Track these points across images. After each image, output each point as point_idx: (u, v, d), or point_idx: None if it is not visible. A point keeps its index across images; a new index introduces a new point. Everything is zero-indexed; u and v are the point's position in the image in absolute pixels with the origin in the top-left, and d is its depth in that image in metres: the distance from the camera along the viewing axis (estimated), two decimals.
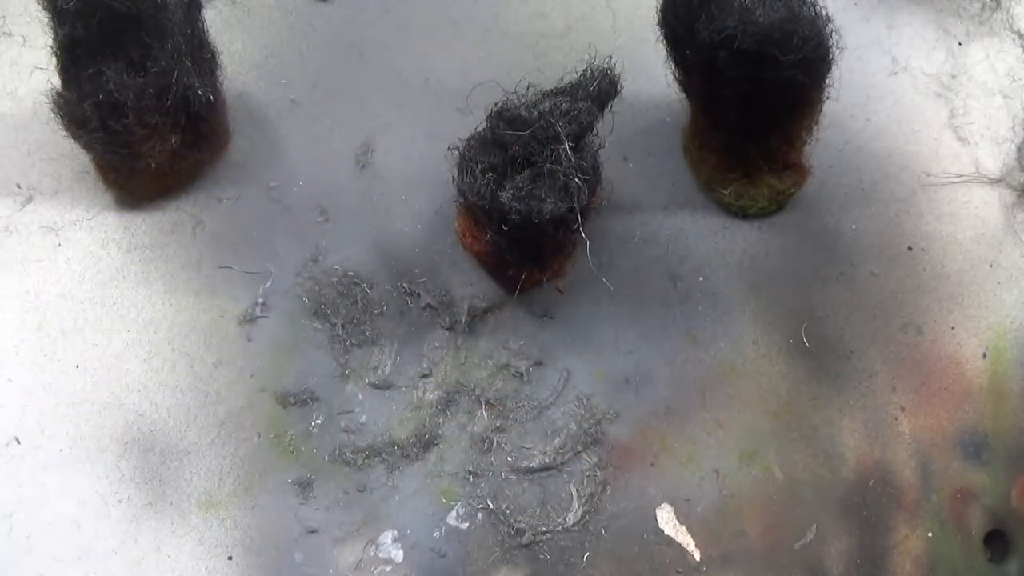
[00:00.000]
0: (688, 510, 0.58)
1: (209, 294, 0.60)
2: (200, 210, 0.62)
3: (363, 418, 0.58)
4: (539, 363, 0.60)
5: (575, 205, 0.53)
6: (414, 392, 0.58)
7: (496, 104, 0.55)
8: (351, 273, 0.61)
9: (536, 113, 0.53)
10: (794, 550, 0.58)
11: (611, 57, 0.55)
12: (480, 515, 0.56)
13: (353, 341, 0.59)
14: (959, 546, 0.59)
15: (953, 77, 0.70)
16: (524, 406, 0.59)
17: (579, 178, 0.52)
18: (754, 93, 0.57)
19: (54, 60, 0.56)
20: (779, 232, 0.65)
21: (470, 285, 0.61)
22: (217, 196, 0.63)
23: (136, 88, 0.55)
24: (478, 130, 0.57)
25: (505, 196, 0.53)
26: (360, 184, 0.64)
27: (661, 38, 0.60)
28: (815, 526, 0.58)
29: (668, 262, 0.63)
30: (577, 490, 0.57)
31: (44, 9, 0.53)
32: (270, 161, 0.64)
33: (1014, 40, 0.71)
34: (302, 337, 0.59)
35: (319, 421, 0.58)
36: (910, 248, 0.64)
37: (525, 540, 0.56)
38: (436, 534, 0.56)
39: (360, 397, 0.58)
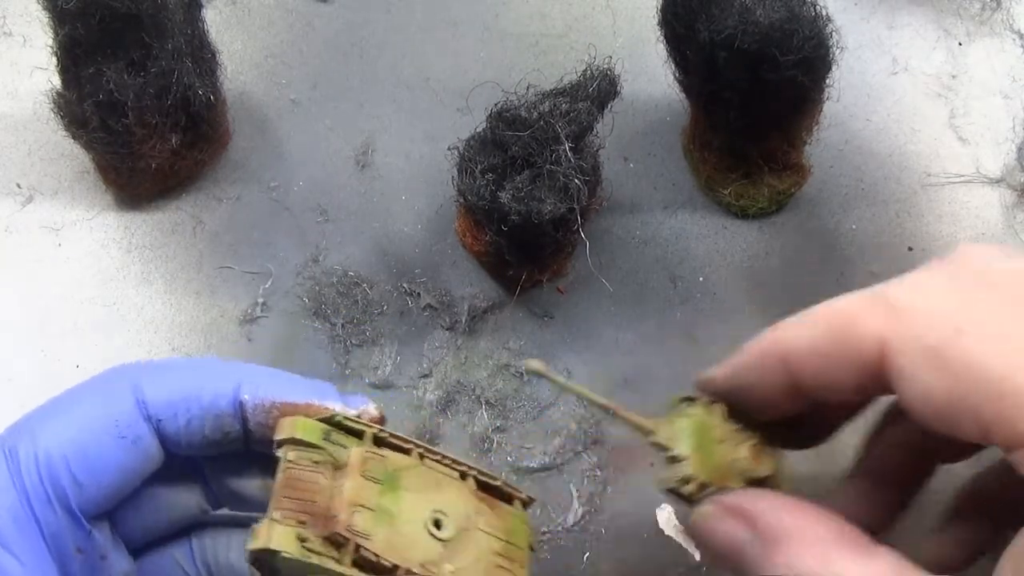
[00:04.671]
0: (688, 510, 0.57)
1: (209, 294, 0.60)
2: (200, 210, 0.62)
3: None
4: None
5: (575, 206, 0.53)
6: (414, 392, 0.58)
7: (496, 104, 0.55)
8: (351, 273, 0.61)
9: (536, 114, 0.53)
10: None
11: (611, 57, 0.55)
12: None
13: (353, 341, 0.59)
14: None
15: (953, 77, 0.70)
16: (524, 406, 0.59)
17: (579, 179, 0.52)
18: (754, 93, 0.57)
19: (54, 60, 0.56)
20: (779, 232, 0.65)
21: (470, 285, 0.61)
22: (217, 196, 0.63)
23: (136, 88, 0.55)
24: (478, 130, 0.57)
25: (505, 197, 0.53)
26: (360, 184, 0.64)
27: (661, 38, 0.60)
28: None
29: (668, 262, 0.63)
30: (577, 490, 0.57)
31: (44, 9, 0.53)
32: (270, 161, 0.64)
33: (1014, 40, 0.71)
34: (302, 337, 0.59)
35: None
36: (910, 248, 0.64)
37: None
38: None
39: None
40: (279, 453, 0.32)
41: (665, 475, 0.40)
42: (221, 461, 0.36)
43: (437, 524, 0.32)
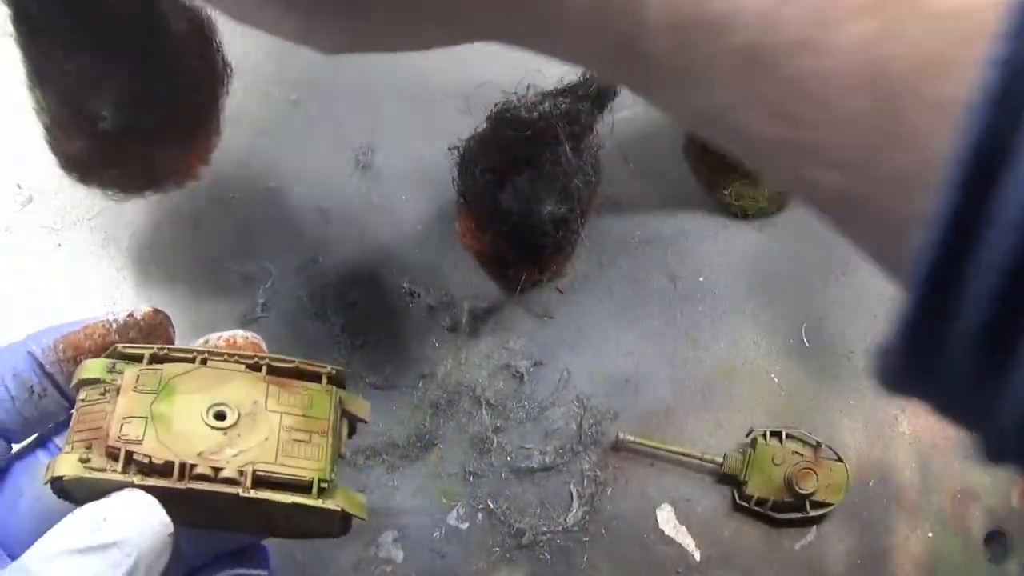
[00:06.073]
0: (688, 510, 0.58)
1: (209, 294, 0.60)
2: (200, 210, 0.62)
3: None
4: (539, 363, 0.60)
5: (575, 206, 0.53)
6: (414, 392, 0.58)
7: (496, 105, 0.55)
8: (351, 273, 0.61)
9: (536, 114, 0.53)
10: (794, 550, 0.58)
11: None
12: (480, 515, 0.57)
13: (354, 341, 0.59)
14: (959, 546, 0.59)
15: None
16: (524, 406, 0.59)
17: (579, 179, 0.52)
18: None
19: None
20: (779, 232, 0.65)
21: (470, 285, 0.61)
22: (217, 196, 0.63)
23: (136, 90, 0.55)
24: (478, 131, 0.57)
25: (505, 197, 0.53)
26: (360, 184, 0.64)
27: None
28: (815, 526, 0.58)
29: (668, 262, 0.63)
30: (577, 490, 0.57)
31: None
32: (270, 161, 0.64)
33: None
34: (303, 338, 0.59)
35: None
36: None
37: (525, 540, 0.56)
38: (436, 534, 0.56)
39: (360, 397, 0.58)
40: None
41: (735, 494, 0.57)
42: None
43: (219, 416, 0.32)
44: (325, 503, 0.32)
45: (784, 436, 0.57)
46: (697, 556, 0.56)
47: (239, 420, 0.32)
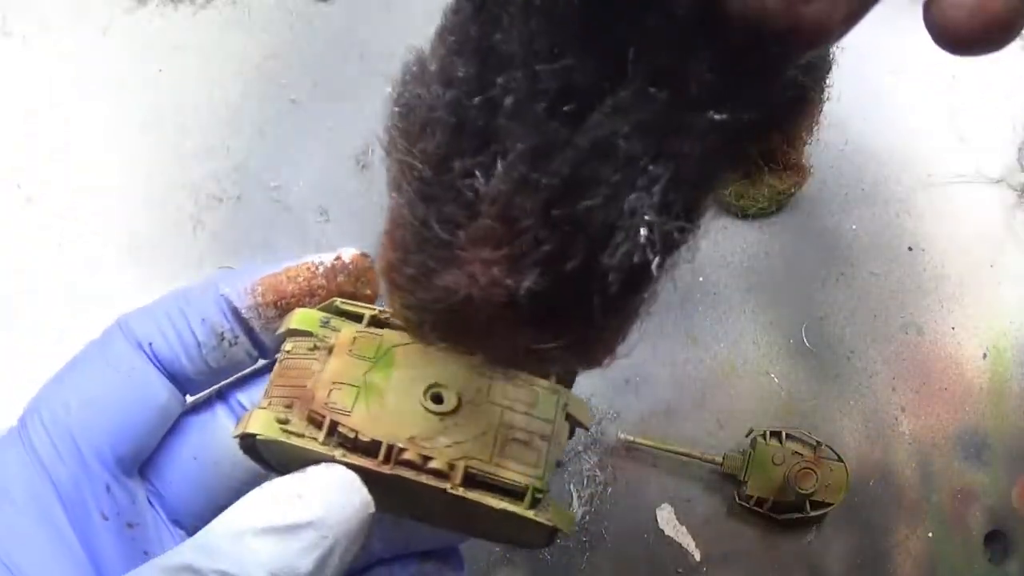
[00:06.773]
0: (688, 510, 0.58)
1: None
2: (200, 210, 0.62)
3: None
4: None
5: None
6: None
7: None
8: None
9: None
10: (794, 550, 0.58)
11: None
12: None
13: None
14: (959, 546, 0.59)
15: (953, 77, 0.70)
16: None
17: None
18: None
19: None
20: (779, 232, 0.65)
21: None
22: (217, 196, 0.63)
23: None
24: None
25: None
26: (360, 184, 0.64)
27: None
28: (815, 526, 0.58)
29: None
30: (577, 490, 0.57)
31: None
32: (270, 161, 0.64)
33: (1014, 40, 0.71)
34: None
35: None
36: (910, 248, 0.64)
37: None
38: None
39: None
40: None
41: (736, 494, 0.57)
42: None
43: (437, 399, 0.29)
44: (537, 515, 0.29)
45: (784, 436, 0.57)
46: (697, 556, 0.56)
47: (459, 407, 0.28)
